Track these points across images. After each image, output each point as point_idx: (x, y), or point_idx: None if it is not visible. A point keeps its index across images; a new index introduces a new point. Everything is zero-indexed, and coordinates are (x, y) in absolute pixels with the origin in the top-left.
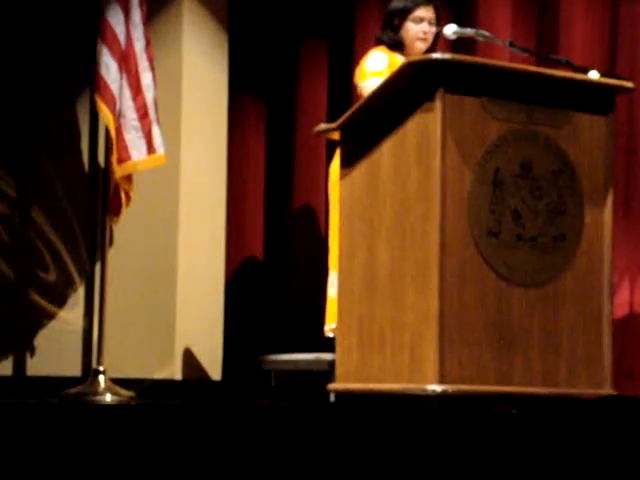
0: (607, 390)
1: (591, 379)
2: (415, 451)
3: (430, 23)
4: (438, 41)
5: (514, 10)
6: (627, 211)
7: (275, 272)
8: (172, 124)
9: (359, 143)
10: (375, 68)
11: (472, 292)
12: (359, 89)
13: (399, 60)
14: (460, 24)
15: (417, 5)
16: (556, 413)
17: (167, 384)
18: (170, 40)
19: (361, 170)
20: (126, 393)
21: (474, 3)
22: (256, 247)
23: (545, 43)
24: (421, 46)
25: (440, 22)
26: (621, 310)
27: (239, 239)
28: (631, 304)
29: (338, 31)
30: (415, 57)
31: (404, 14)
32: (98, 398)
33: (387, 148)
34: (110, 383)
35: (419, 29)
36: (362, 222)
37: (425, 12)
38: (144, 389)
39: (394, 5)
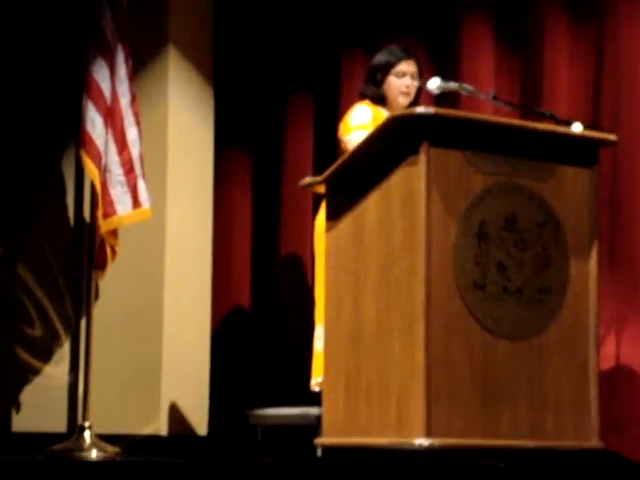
0: (594, 443)
1: (578, 431)
2: None
3: (412, 77)
4: (421, 95)
5: (497, 63)
6: (612, 263)
7: (262, 326)
8: (158, 178)
9: (344, 196)
10: (359, 122)
11: (458, 345)
12: (344, 143)
13: (383, 114)
14: (444, 78)
15: (399, 60)
16: (543, 466)
17: (153, 440)
18: (156, 95)
19: (347, 223)
20: (112, 449)
21: (457, 57)
22: (243, 301)
23: (529, 96)
24: (404, 100)
25: (422, 76)
26: (607, 362)
27: (226, 293)
28: (617, 356)
29: (324, 85)
30: (399, 112)
31: (387, 69)
32: (84, 454)
33: (372, 201)
34: (96, 439)
35: (402, 83)
36: (348, 275)
37: (407, 66)
38: (130, 445)
39: (377, 60)
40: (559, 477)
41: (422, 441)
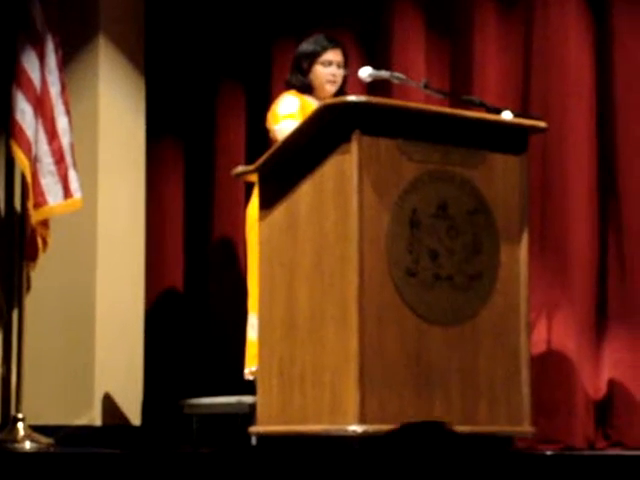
0: (526, 428)
1: (510, 416)
2: None
3: (339, 66)
4: (347, 84)
5: (428, 51)
6: (542, 249)
7: (195, 313)
8: (89, 168)
9: (277, 185)
10: (287, 111)
11: (392, 332)
12: (272, 132)
13: (310, 103)
14: (374, 65)
15: (325, 49)
16: (476, 451)
17: (87, 430)
18: (86, 84)
19: (280, 212)
20: (46, 440)
21: (388, 45)
22: (176, 291)
23: (459, 84)
24: (330, 88)
25: (348, 65)
26: (538, 347)
27: (158, 283)
28: (548, 341)
29: (255, 74)
30: (331, 100)
31: (313, 57)
32: (17, 446)
33: (305, 190)
34: (29, 430)
35: (328, 72)
36: (281, 264)
37: (333, 55)
38: (64, 436)
39: (303, 49)
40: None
41: (355, 427)
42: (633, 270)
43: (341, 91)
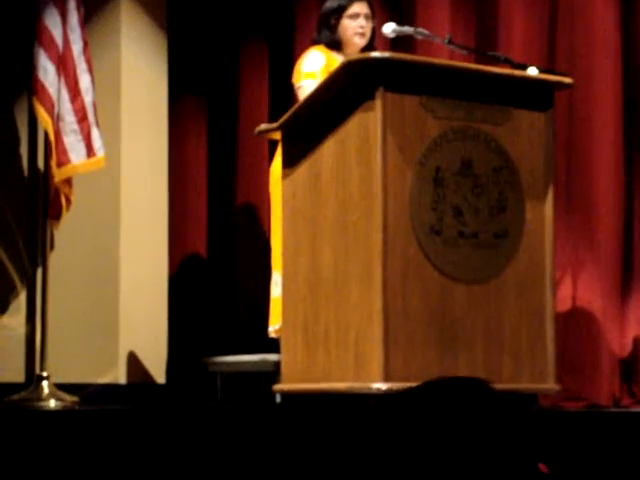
0: (551, 385)
1: (535, 374)
2: (360, 450)
3: (366, 18)
4: (376, 37)
5: (452, 8)
6: (568, 207)
7: (219, 273)
8: (112, 126)
9: (300, 143)
10: (311, 69)
11: (415, 290)
12: (295, 89)
13: (337, 59)
14: (398, 22)
15: (351, 2)
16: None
17: (111, 388)
18: (108, 42)
19: (303, 170)
20: (70, 398)
21: (412, 1)
22: (199, 248)
23: (484, 40)
24: (360, 42)
25: (375, 17)
26: (564, 305)
27: (182, 241)
28: (573, 299)
29: (278, 31)
30: (354, 56)
31: (339, 12)
32: (42, 404)
33: (328, 147)
34: (54, 388)
35: (356, 24)
36: (305, 222)
37: (360, 8)
38: (88, 394)
39: (328, 4)
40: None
41: (380, 385)
42: None
43: (370, 45)
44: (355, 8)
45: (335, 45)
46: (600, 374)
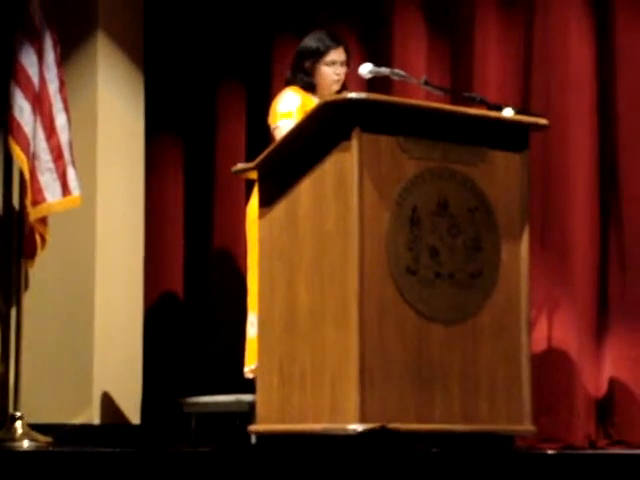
0: (527, 426)
1: (511, 415)
2: None
3: (342, 65)
4: (348, 80)
5: (428, 48)
6: (543, 246)
7: (195, 313)
8: (88, 165)
9: (277, 182)
10: (286, 109)
11: (392, 330)
12: (272, 130)
13: (312, 100)
14: (375, 63)
15: (329, 48)
16: (477, 450)
17: (85, 429)
18: (85, 81)
19: (280, 209)
20: (44, 439)
21: (388, 42)
22: (176, 288)
23: (460, 79)
24: (336, 87)
25: (350, 62)
26: (539, 345)
27: (158, 281)
28: (549, 339)
29: (255, 71)
30: (331, 97)
31: (316, 57)
32: (16, 444)
33: (305, 187)
34: (28, 429)
35: (332, 72)
36: (281, 261)
37: (337, 55)
38: (62, 434)
39: (305, 47)
40: (492, 460)
41: (356, 426)
42: (634, 268)
43: (343, 87)
44: (333, 55)
45: (310, 87)
46: (576, 415)
